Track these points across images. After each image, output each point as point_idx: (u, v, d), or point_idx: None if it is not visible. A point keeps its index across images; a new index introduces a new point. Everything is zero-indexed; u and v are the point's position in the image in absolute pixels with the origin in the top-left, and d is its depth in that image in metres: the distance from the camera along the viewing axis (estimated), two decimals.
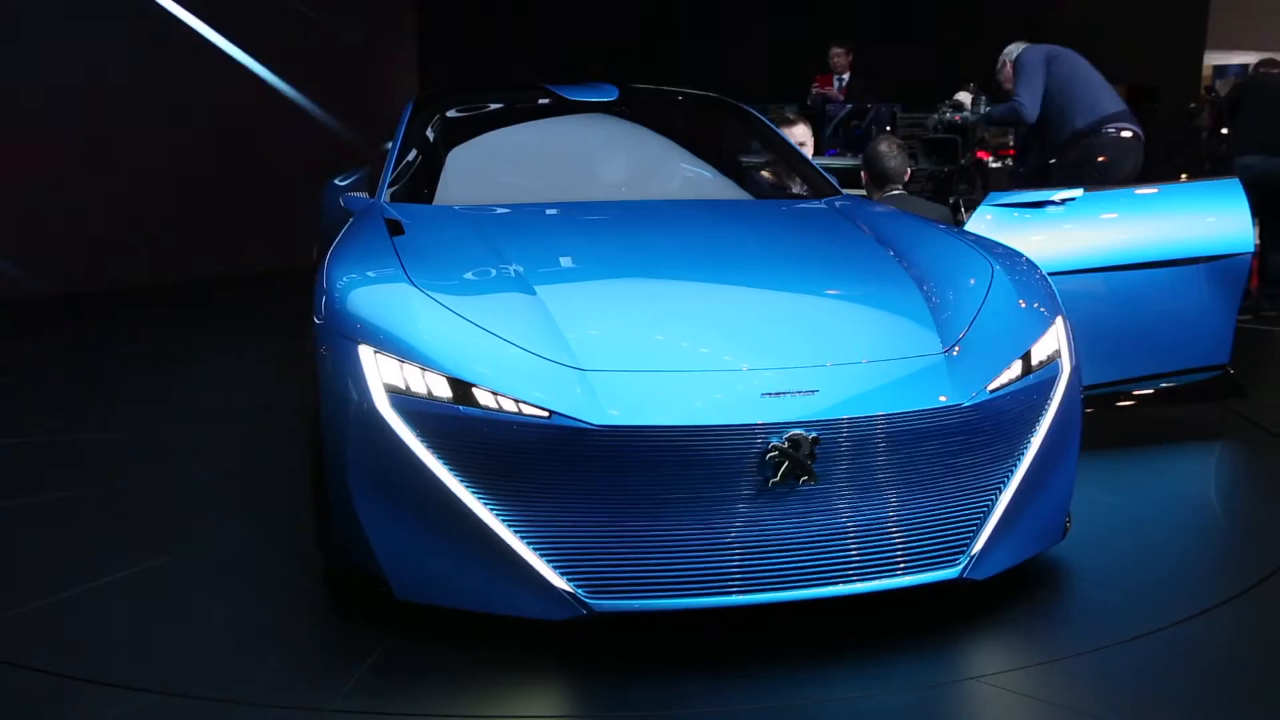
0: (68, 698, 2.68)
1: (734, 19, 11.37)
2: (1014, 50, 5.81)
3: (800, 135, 5.65)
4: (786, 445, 2.78)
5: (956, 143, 5.73)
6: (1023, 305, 3.34)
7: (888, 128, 6.44)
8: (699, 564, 2.82)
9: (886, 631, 3.00)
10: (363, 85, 10.24)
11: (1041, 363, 3.22)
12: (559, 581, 2.80)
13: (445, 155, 4.41)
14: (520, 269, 3.26)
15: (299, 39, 9.76)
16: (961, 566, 3.01)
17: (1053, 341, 3.29)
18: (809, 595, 2.90)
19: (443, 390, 2.86)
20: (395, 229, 3.62)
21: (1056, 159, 5.76)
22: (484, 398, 2.83)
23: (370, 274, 3.22)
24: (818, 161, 5.45)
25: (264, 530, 3.69)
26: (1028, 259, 3.68)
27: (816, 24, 10.28)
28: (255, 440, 4.70)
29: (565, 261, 3.46)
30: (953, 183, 5.86)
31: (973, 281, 3.39)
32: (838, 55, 8.99)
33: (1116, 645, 2.95)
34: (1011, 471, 3.10)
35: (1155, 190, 4.82)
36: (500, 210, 3.93)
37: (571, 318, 3.03)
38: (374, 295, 3.11)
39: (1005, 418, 3.08)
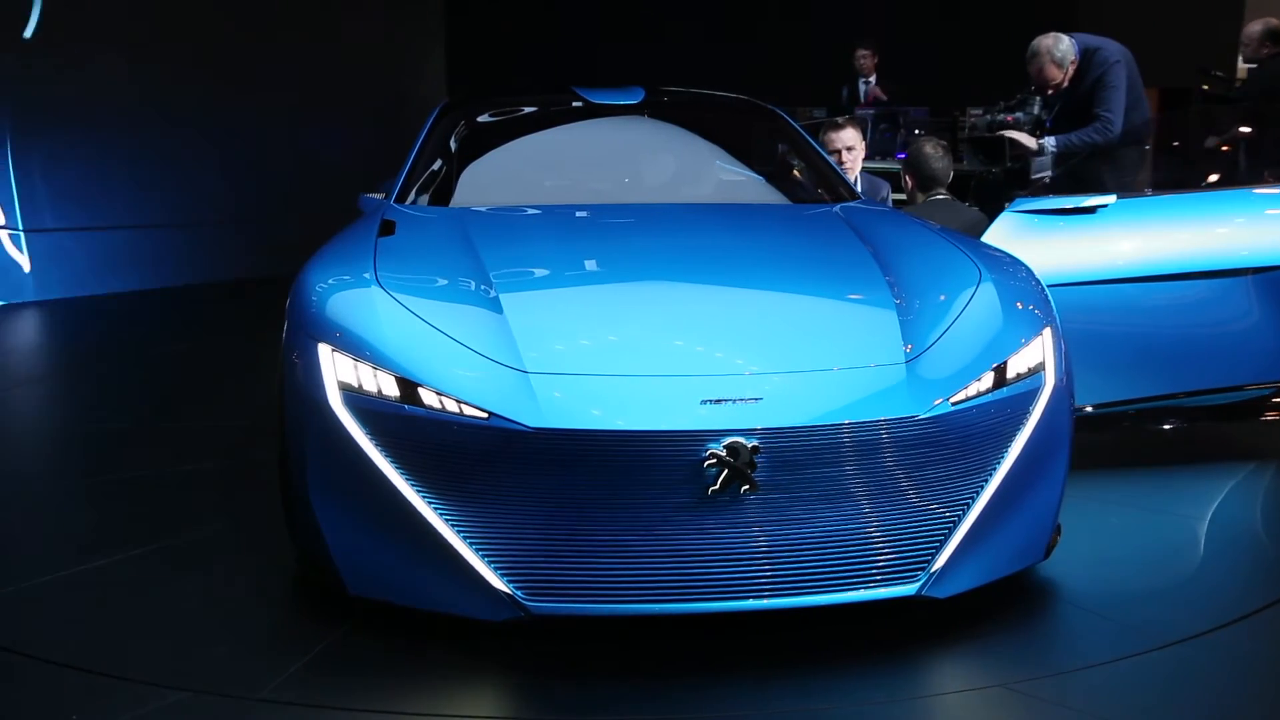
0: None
1: (760, 20, 11.21)
2: (1066, 49, 5.55)
3: (850, 139, 5.54)
4: (724, 453, 2.73)
5: (1004, 143, 5.53)
6: (1006, 316, 3.22)
7: (918, 132, 6.25)
8: (640, 570, 2.79)
9: (843, 645, 2.95)
10: (393, 88, 10.42)
11: (1020, 375, 3.10)
12: (498, 583, 2.80)
13: (462, 158, 4.46)
14: (491, 271, 3.27)
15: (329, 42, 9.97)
16: (920, 583, 2.91)
17: (1036, 354, 3.17)
18: (755, 607, 2.85)
19: (391, 389, 2.90)
20: (388, 229, 3.68)
21: (1108, 163, 5.54)
22: (428, 397, 2.86)
23: (340, 274, 3.26)
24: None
25: (252, 522, 3.77)
26: (1027, 269, 3.55)
27: (843, 25, 10.05)
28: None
29: (539, 263, 3.46)
30: (1007, 185, 5.65)
31: (956, 290, 3.28)
32: (864, 57, 8.78)
33: (1119, 661, 2.87)
34: (981, 487, 2.99)
35: (1200, 196, 4.60)
36: (495, 212, 3.95)
37: (527, 320, 3.03)
38: (338, 295, 3.15)
39: (973, 431, 2.98)
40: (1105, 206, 4.38)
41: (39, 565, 3.43)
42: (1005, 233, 4.29)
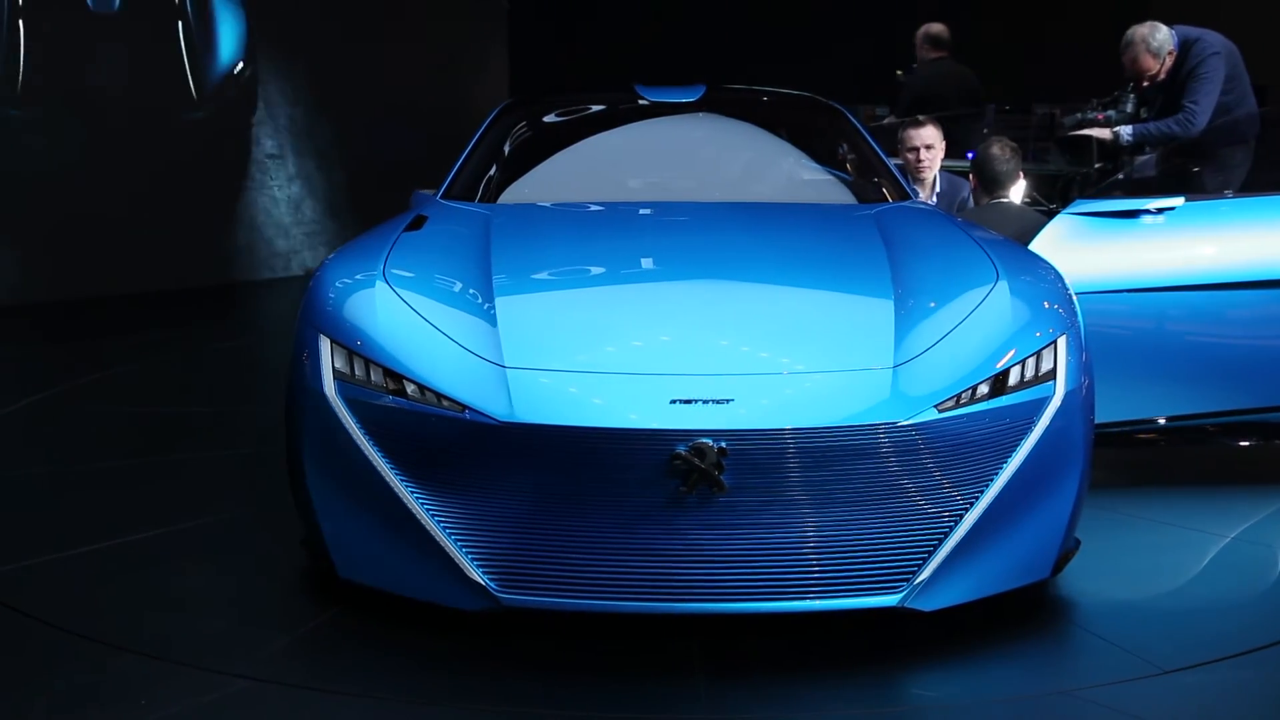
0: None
1: (830, 15, 10.93)
2: (1163, 39, 5.26)
3: (929, 137, 5.39)
4: (689, 453, 2.71)
5: (1091, 142, 5.28)
6: (1017, 322, 3.10)
7: (985, 131, 6.02)
8: (611, 568, 2.79)
9: (820, 653, 2.90)
10: (456, 88, 10.63)
11: (1024, 383, 2.99)
12: (473, 573, 2.84)
13: (514, 155, 4.53)
14: (495, 267, 3.30)
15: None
16: (902, 594, 2.84)
17: (1047, 361, 3.04)
18: (726, 609, 2.83)
19: (380, 380, 2.97)
20: (417, 224, 3.76)
21: (1208, 162, 5.25)
22: (412, 389, 2.92)
23: (352, 267, 3.35)
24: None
25: (273, 505, 3.88)
26: (1055, 273, 3.41)
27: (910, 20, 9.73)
28: None
29: (546, 260, 3.47)
30: (1093, 187, 5.40)
31: (968, 294, 3.18)
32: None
33: (1101, 686, 2.75)
34: (976, 498, 2.89)
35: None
36: (524, 208, 4.00)
37: (515, 316, 3.06)
38: (344, 288, 3.23)
39: (965, 440, 2.88)
40: (1173, 209, 4.16)
41: (76, 536, 3.64)
42: (1061, 235, 4.11)
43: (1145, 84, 5.40)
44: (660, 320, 3.12)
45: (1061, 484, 3.05)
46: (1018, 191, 5.16)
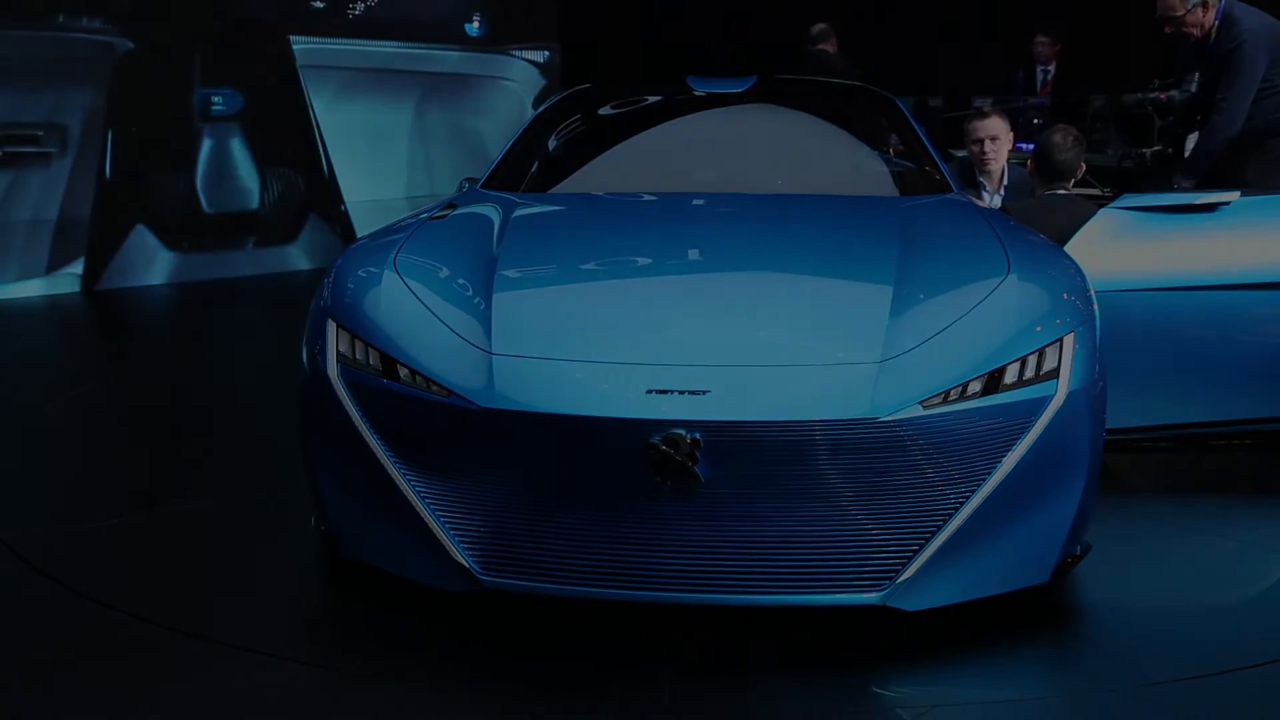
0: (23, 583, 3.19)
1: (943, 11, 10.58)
2: None
3: (994, 128, 5.29)
4: (662, 444, 2.71)
5: (1152, 121, 5.01)
6: (1021, 318, 3.02)
7: (1036, 121, 5.79)
8: (588, 554, 2.82)
9: (800, 652, 2.87)
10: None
11: (1023, 381, 2.91)
12: (457, 555, 2.90)
13: (557, 146, 4.58)
14: (501, 257, 3.35)
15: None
16: (884, 593, 2.80)
17: (1050, 359, 2.95)
18: (705, 600, 2.83)
19: (376, 363, 3.05)
20: (444, 213, 3.84)
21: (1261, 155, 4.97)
22: (404, 373, 2.99)
23: (368, 252, 3.45)
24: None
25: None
26: (1074, 269, 3.31)
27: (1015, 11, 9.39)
28: None
29: (553, 250, 3.50)
30: (1160, 170, 5.12)
31: (973, 289, 3.10)
32: (1043, 44, 8.36)
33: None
34: (966, 498, 2.83)
35: None
36: (546, 198, 4.06)
37: (510, 304, 3.10)
38: (355, 273, 3.32)
39: (953, 438, 2.81)
40: (1228, 204, 3.98)
41: (114, 506, 3.85)
42: (1103, 231, 3.98)
43: (1167, 30, 5.10)
44: (651, 311, 3.12)
45: (1064, 486, 2.96)
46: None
